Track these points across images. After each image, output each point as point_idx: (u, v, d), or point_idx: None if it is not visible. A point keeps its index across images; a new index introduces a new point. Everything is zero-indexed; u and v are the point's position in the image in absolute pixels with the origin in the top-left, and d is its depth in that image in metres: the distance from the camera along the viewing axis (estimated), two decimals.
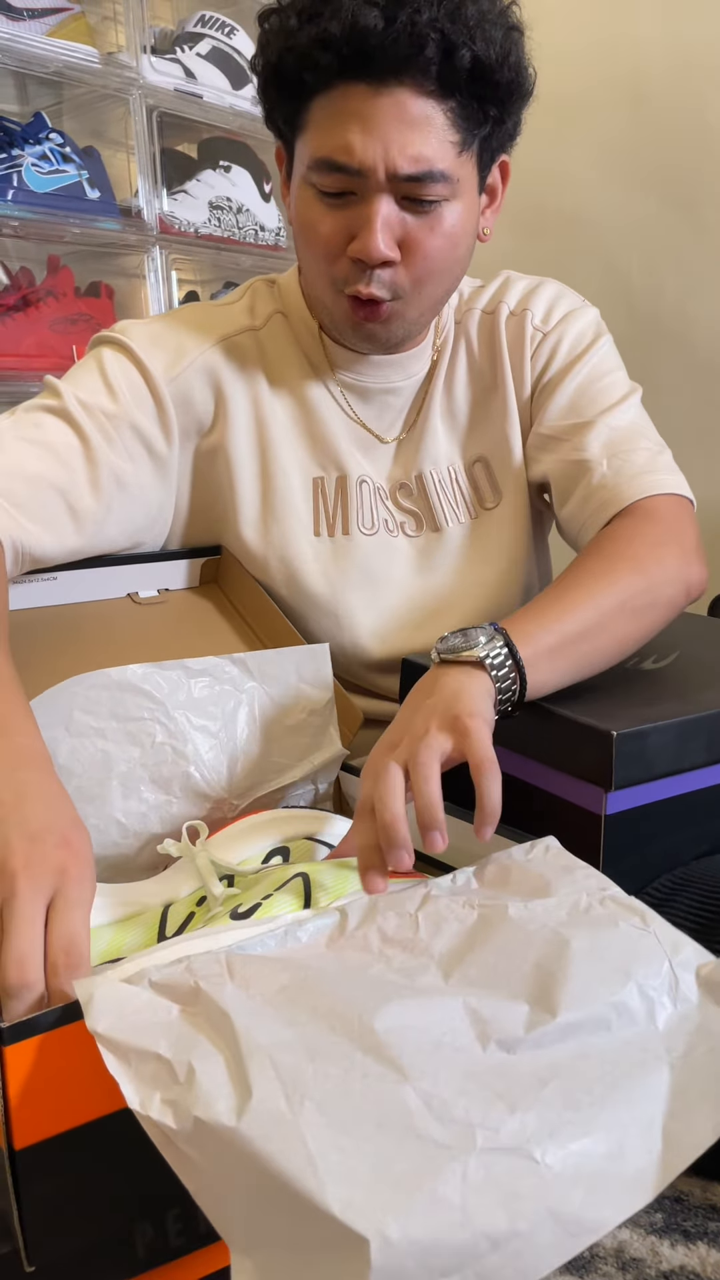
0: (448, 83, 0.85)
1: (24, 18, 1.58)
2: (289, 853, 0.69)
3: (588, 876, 0.54)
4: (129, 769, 0.67)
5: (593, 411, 0.99)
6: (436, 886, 0.55)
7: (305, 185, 0.90)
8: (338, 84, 0.86)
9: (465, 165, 0.90)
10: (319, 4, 0.85)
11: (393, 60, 0.83)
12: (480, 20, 0.85)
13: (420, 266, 0.90)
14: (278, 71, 0.89)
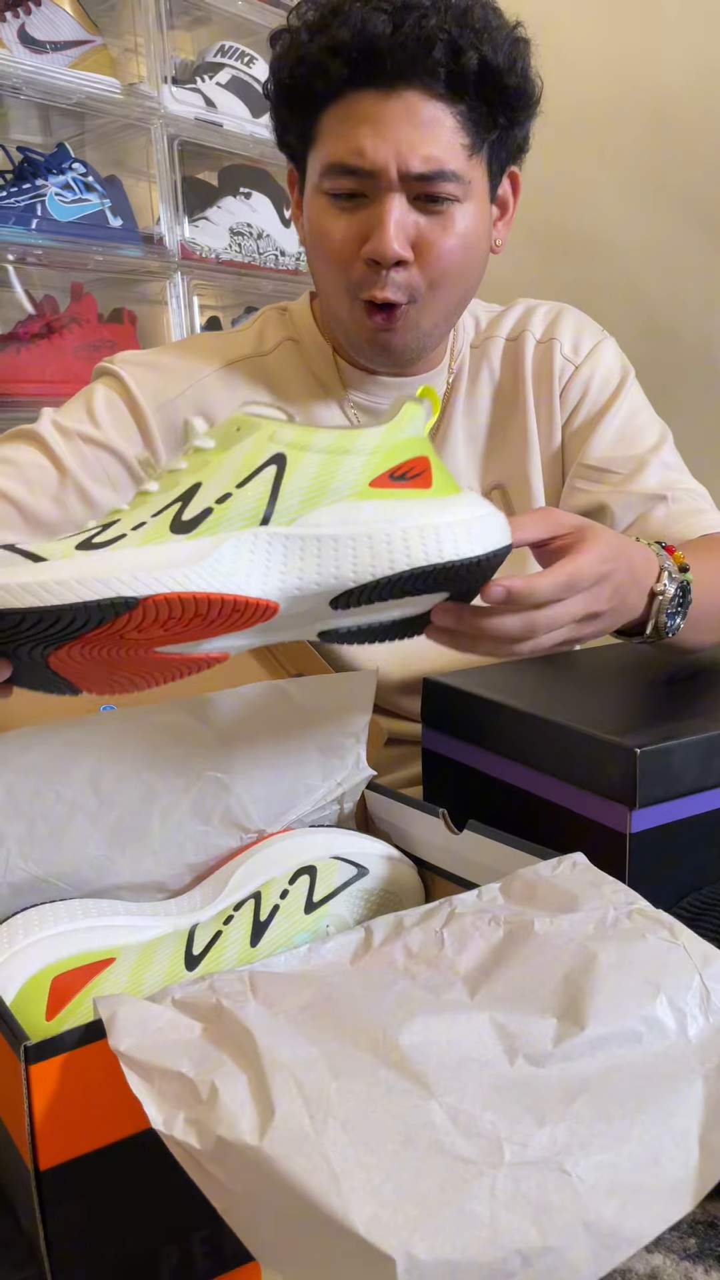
0: (456, 86, 0.87)
1: (47, 50, 1.61)
2: (316, 871, 0.69)
3: (615, 891, 0.53)
4: (172, 800, 0.67)
5: (642, 447, 1.01)
6: (462, 903, 0.54)
7: (317, 194, 0.91)
8: (348, 92, 0.88)
9: (476, 169, 0.91)
10: (328, 16, 0.87)
11: (401, 64, 0.85)
12: (486, 26, 0.87)
13: (434, 267, 0.90)
14: (290, 86, 0.91)
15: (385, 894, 0.70)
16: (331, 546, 0.60)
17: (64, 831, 0.64)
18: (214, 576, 0.57)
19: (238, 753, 0.69)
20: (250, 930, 0.65)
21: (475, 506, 0.63)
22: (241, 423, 0.61)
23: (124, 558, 0.55)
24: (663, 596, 0.76)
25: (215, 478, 0.59)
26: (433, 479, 0.63)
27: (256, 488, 0.59)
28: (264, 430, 0.61)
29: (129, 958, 0.63)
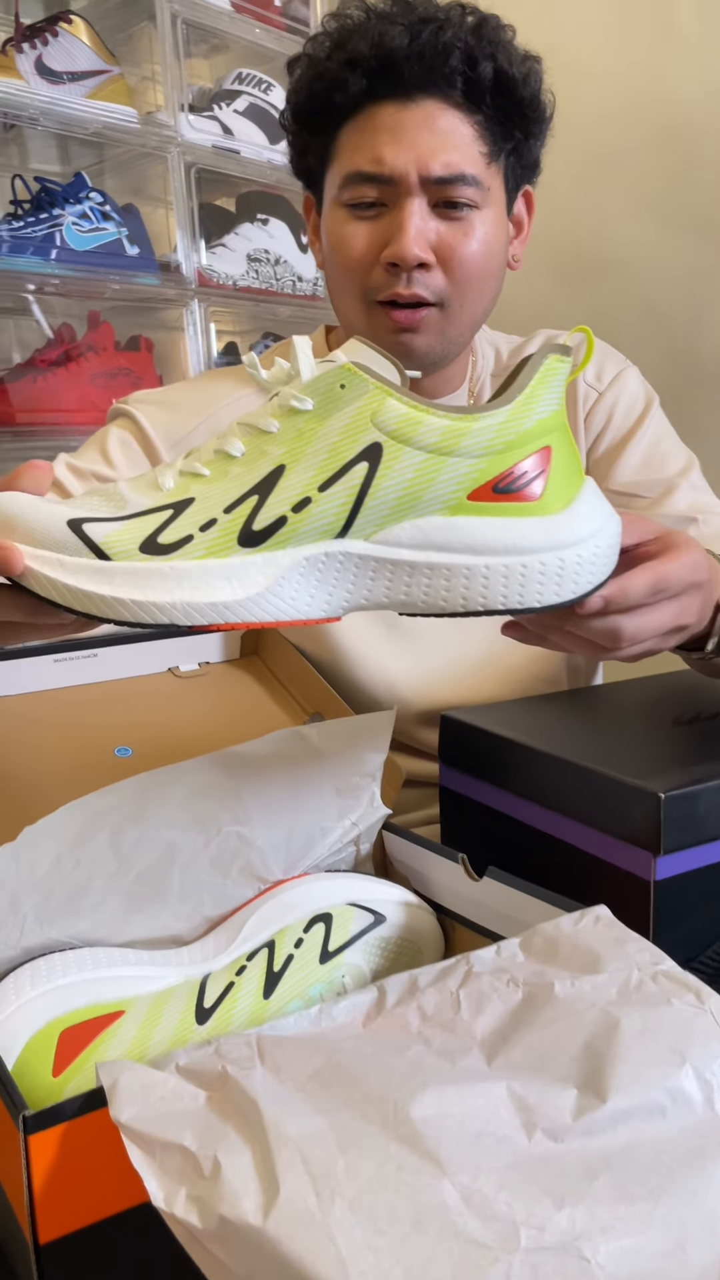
0: (473, 95, 0.88)
1: (64, 80, 1.61)
2: (332, 919, 0.67)
3: (640, 950, 0.51)
4: (191, 857, 0.65)
5: (669, 471, 1.00)
6: (480, 961, 0.52)
7: (336, 207, 0.91)
8: (367, 104, 0.89)
9: (494, 177, 0.92)
10: (345, 33, 0.90)
11: (419, 74, 0.87)
12: (500, 39, 0.90)
13: (458, 272, 0.90)
14: (309, 104, 0.93)
15: (403, 942, 0.68)
16: (407, 572, 0.56)
17: (82, 895, 0.62)
18: (273, 608, 0.55)
19: (257, 804, 0.67)
20: (263, 981, 0.63)
21: (583, 526, 0.57)
22: (348, 379, 0.55)
23: (184, 587, 0.53)
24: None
25: (302, 462, 0.54)
26: (546, 483, 0.57)
27: (340, 494, 0.55)
28: (370, 400, 0.55)
29: (138, 1010, 0.61)
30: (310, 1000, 0.63)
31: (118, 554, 0.53)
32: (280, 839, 0.69)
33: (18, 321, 1.84)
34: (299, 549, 0.55)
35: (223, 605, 0.54)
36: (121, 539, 0.54)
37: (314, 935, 0.66)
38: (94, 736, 0.83)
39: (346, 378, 0.55)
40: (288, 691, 0.94)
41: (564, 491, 0.58)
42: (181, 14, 1.80)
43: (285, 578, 0.55)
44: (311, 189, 0.98)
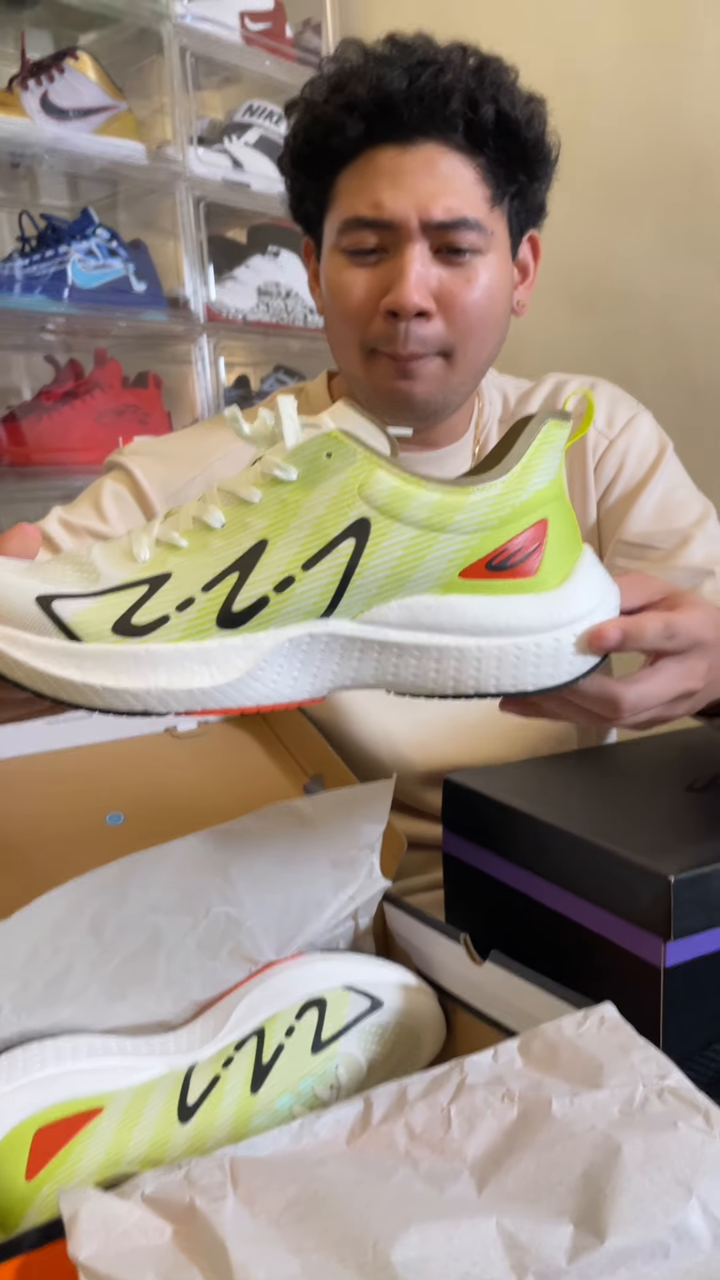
0: (475, 137, 0.86)
1: (70, 117, 1.60)
2: (326, 1004, 0.64)
3: (646, 1060, 0.48)
4: (178, 940, 0.62)
5: (684, 522, 0.95)
6: (475, 1069, 0.49)
7: (335, 253, 0.89)
8: (366, 148, 0.86)
9: (497, 221, 0.89)
10: (343, 76, 0.87)
11: (419, 117, 0.84)
12: (502, 82, 0.86)
13: (460, 320, 0.87)
14: (307, 148, 0.90)
15: (401, 1028, 0.65)
16: (395, 653, 0.53)
17: (62, 983, 0.59)
18: (254, 693, 0.52)
19: (247, 882, 0.64)
20: (251, 1074, 0.60)
21: (580, 602, 0.54)
22: (334, 447, 0.52)
23: (159, 673, 0.50)
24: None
25: (285, 537, 0.51)
26: (543, 558, 0.54)
27: (325, 573, 0.52)
28: (357, 470, 0.51)
29: (118, 1106, 0.58)
30: (300, 1095, 0.60)
31: (89, 635, 0.50)
32: (272, 918, 0.65)
33: (28, 358, 1.83)
34: (281, 630, 0.52)
35: (200, 691, 0.51)
36: (93, 619, 0.51)
37: (306, 1022, 0.62)
38: (86, 801, 0.81)
39: (333, 446, 0.52)
40: (288, 752, 0.91)
41: (561, 565, 0.55)
42: (191, 47, 1.79)
43: (267, 661, 0.52)
44: (311, 234, 0.95)
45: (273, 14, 1.92)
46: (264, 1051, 0.61)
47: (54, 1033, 0.60)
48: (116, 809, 0.80)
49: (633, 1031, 0.50)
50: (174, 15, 1.75)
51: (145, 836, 0.77)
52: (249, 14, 1.87)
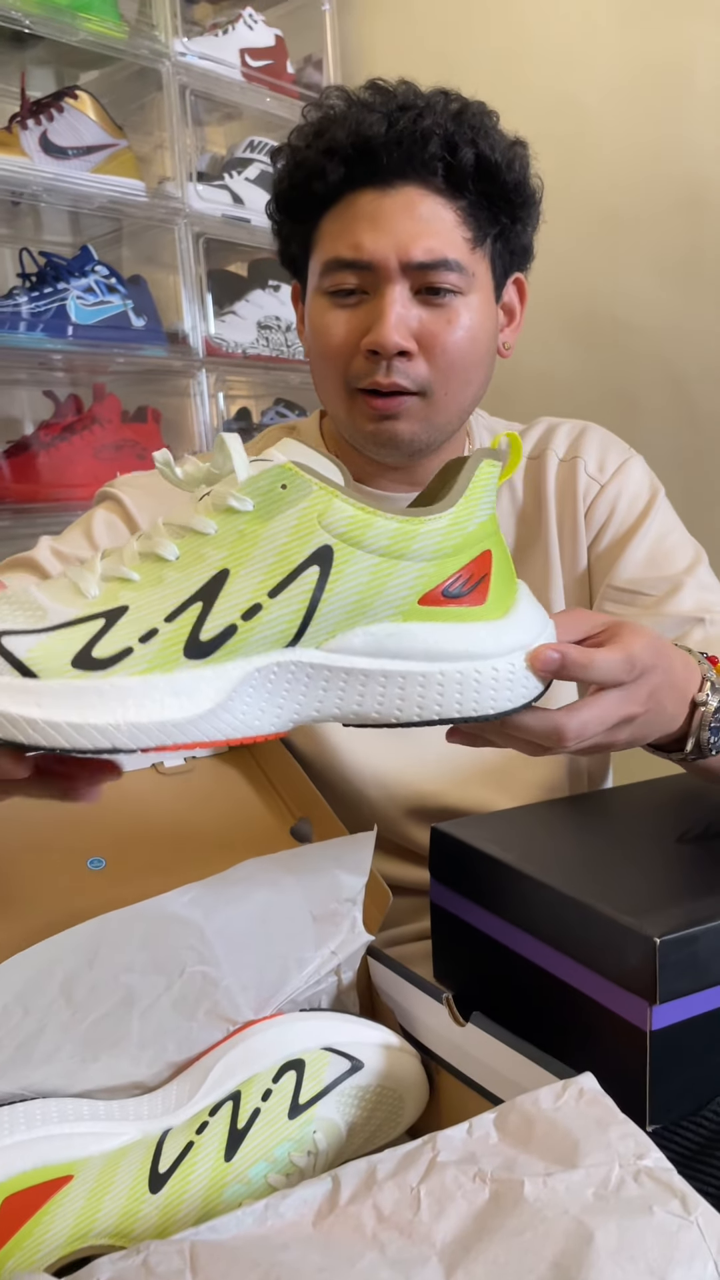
0: (454, 181, 0.86)
1: (69, 156, 1.61)
2: (304, 1066, 0.62)
3: (624, 1138, 0.46)
4: (152, 1001, 0.60)
5: (674, 569, 0.94)
6: (447, 1145, 0.47)
7: (317, 295, 0.90)
8: (346, 192, 0.87)
9: (479, 263, 0.89)
10: (324, 122, 0.88)
11: (398, 160, 0.85)
12: (482, 125, 0.87)
13: (440, 360, 0.87)
14: (290, 193, 0.91)
15: (383, 1091, 0.63)
16: (360, 681, 0.54)
17: (33, 1045, 0.58)
18: (225, 725, 0.51)
19: (224, 940, 0.62)
20: (225, 1141, 0.58)
21: (524, 631, 0.57)
22: (289, 478, 0.52)
23: (127, 706, 0.49)
24: (705, 709, 0.69)
25: (247, 566, 0.51)
26: (490, 587, 0.56)
27: (293, 600, 0.51)
28: (315, 501, 0.52)
29: (89, 1174, 0.56)
30: (276, 1163, 0.58)
31: (46, 671, 0.49)
32: (250, 976, 0.64)
33: (30, 393, 1.84)
34: (249, 660, 0.52)
35: (172, 724, 0.50)
36: (48, 653, 0.49)
37: (284, 1085, 0.61)
38: (67, 841, 0.79)
39: (287, 477, 0.52)
40: (276, 791, 0.90)
41: (505, 596, 0.57)
42: (191, 85, 1.80)
43: (236, 692, 0.51)
44: (297, 277, 0.96)
45: (274, 51, 1.92)
46: (239, 1116, 0.59)
47: (25, 1096, 0.59)
48: (98, 852, 0.79)
49: (612, 1105, 0.49)
50: (174, 53, 1.76)
51: (126, 882, 0.77)
52: (250, 51, 1.88)
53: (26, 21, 1.57)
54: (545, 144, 1.81)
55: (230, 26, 1.87)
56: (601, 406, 1.78)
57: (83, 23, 1.62)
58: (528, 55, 1.83)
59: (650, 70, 1.70)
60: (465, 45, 1.91)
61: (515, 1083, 0.57)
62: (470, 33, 1.90)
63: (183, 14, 1.80)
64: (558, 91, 1.79)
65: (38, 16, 1.58)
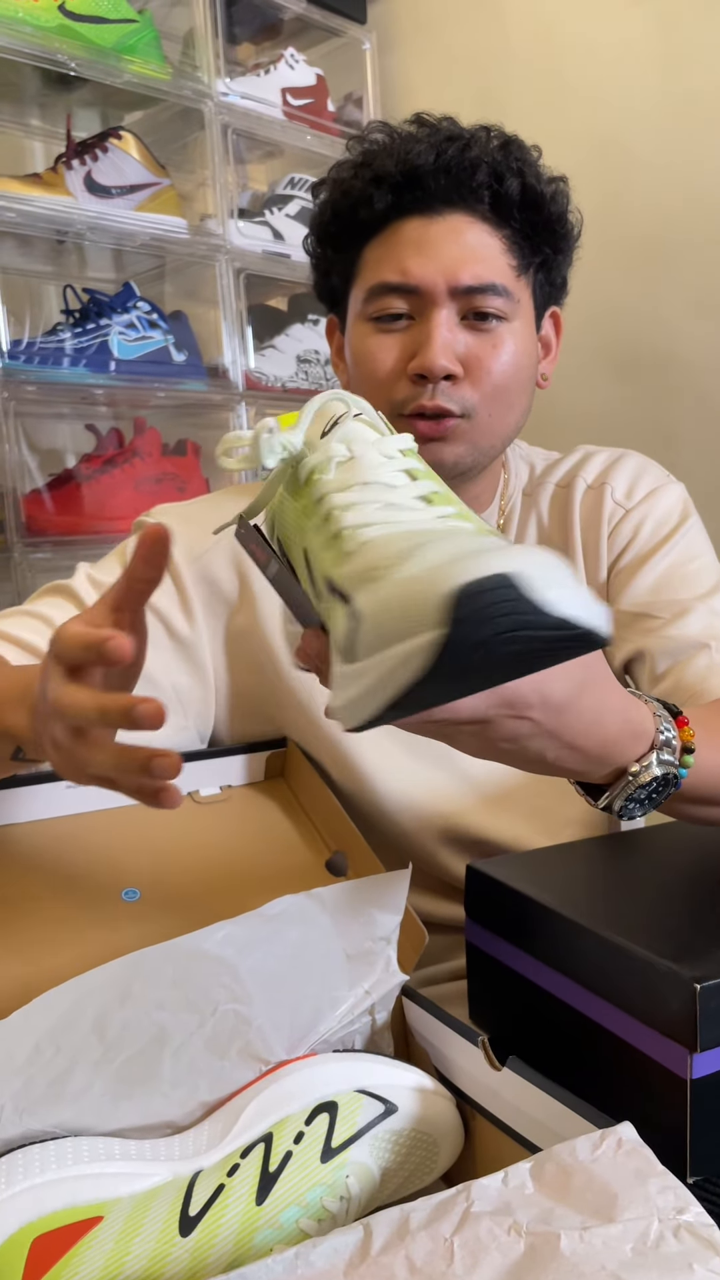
0: (501, 210, 0.88)
1: (112, 195, 1.63)
2: (337, 1109, 0.61)
3: (663, 1191, 0.45)
4: (184, 1039, 0.60)
5: (688, 594, 0.93)
6: (482, 1195, 0.46)
7: (361, 322, 0.91)
8: (393, 220, 0.88)
9: (523, 290, 0.91)
10: (370, 154, 0.90)
11: (446, 189, 0.86)
12: (526, 159, 0.89)
13: (487, 383, 0.87)
14: (334, 222, 0.92)
15: (417, 1135, 0.62)
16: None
17: (64, 1083, 0.57)
18: None
19: (257, 979, 0.62)
20: (257, 1184, 0.57)
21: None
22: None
23: None
24: (632, 780, 0.61)
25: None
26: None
27: None
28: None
29: (119, 1215, 0.56)
30: (308, 1207, 0.58)
31: None
32: (283, 1015, 0.63)
33: (73, 426, 1.86)
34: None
35: None
36: None
37: (316, 1128, 0.60)
38: (102, 874, 0.79)
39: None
40: (312, 823, 0.89)
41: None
42: (233, 124, 1.83)
43: None
44: (335, 310, 0.97)
45: (315, 90, 1.95)
46: (271, 1159, 0.59)
47: (56, 1133, 0.59)
48: (133, 883, 0.79)
49: (651, 1156, 0.47)
50: (216, 94, 1.79)
51: (160, 915, 0.76)
52: (291, 90, 1.91)
53: (72, 64, 1.60)
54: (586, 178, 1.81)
55: (272, 66, 1.90)
56: (640, 439, 1.77)
57: (127, 65, 1.65)
58: (568, 92, 1.84)
59: (690, 105, 1.70)
60: (505, 83, 1.92)
61: (552, 1130, 0.55)
62: (510, 71, 1.91)
63: (225, 55, 1.83)
64: (598, 127, 1.80)
65: (83, 59, 1.61)
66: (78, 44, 1.59)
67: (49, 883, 0.78)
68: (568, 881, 0.72)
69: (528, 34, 1.88)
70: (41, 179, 1.59)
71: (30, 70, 1.64)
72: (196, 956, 0.60)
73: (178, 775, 0.50)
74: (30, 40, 1.55)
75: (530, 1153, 0.58)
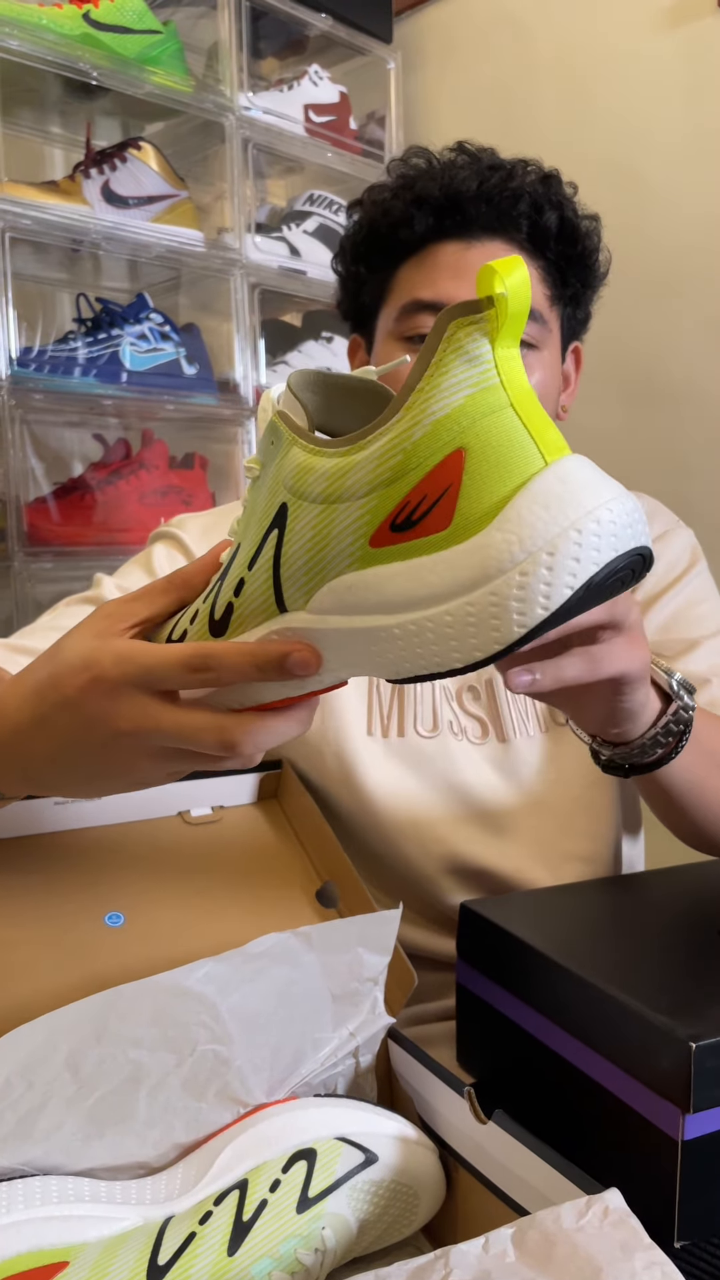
0: (537, 241, 0.90)
1: (129, 205, 1.62)
2: (315, 1156, 0.59)
3: (649, 1266, 0.43)
4: (160, 1079, 0.58)
5: (695, 634, 0.92)
6: (461, 1262, 0.44)
7: (391, 340, 0.92)
8: (431, 242, 0.90)
9: (554, 320, 0.92)
10: (413, 177, 0.91)
11: (486, 216, 0.88)
12: (564, 194, 0.92)
13: None
14: (369, 240, 0.93)
15: (397, 1187, 0.60)
16: (340, 641, 0.47)
17: (35, 1120, 0.55)
18: (243, 697, 0.51)
19: (238, 1019, 0.60)
20: (229, 1233, 0.56)
21: (505, 549, 0.41)
22: (274, 434, 0.47)
23: None
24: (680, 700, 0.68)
25: (245, 539, 0.50)
26: (457, 503, 0.42)
27: (262, 570, 0.48)
28: (282, 454, 0.47)
29: (85, 1261, 0.54)
30: (281, 1260, 0.56)
31: None
32: (264, 1056, 0.61)
33: (80, 435, 1.85)
34: (253, 632, 0.50)
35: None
36: (156, 637, 0.55)
37: (293, 1176, 0.58)
38: (85, 895, 0.77)
39: (273, 433, 0.48)
40: (304, 849, 0.88)
41: (487, 502, 0.41)
42: (253, 139, 1.82)
43: None
44: (361, 330, 0.97)
45: (337, 107, 1.94)
46: (245, 1208, 0.57)
47: (25, 1171, 0.57)
48: (118, 907, 0.77)
49: (638, 1228, 0.45)
50: (238, 108, 1.78)
51: (143, 944, 0.75)
52: (313, 107, 1.90)
53: (94, 73, 1.59)
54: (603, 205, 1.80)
55: (295, 82, 1.89)
56: (653, 470, 1.76)
57: (149, 76, 1.65)
58: (590, 120, 1.83)
59: (711, 139, 1.69)
60: (528, 108, 1.92)
61: (537, 1190, 0.53)
62: (533, 96, 1.90)
63: (249, 69, 1.82)
64: (618, 155, 1.79)
65: (105, 69, 1.60)
66: (101, 53, 1.59)
67: (31, 904, 0.76)
68: (564, 926, 0.70)
69: (553, 60, 1.87)
70: (59, 187, 1.59)
71: (52, 77, 1.63)
72: (176, 994, 0.58)
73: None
74: (53, 48, 1.54)
75: (514, 1210, 0.56)
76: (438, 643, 0.43)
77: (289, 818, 0.90)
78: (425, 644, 0.43)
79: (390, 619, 0.44)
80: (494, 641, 0.42)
